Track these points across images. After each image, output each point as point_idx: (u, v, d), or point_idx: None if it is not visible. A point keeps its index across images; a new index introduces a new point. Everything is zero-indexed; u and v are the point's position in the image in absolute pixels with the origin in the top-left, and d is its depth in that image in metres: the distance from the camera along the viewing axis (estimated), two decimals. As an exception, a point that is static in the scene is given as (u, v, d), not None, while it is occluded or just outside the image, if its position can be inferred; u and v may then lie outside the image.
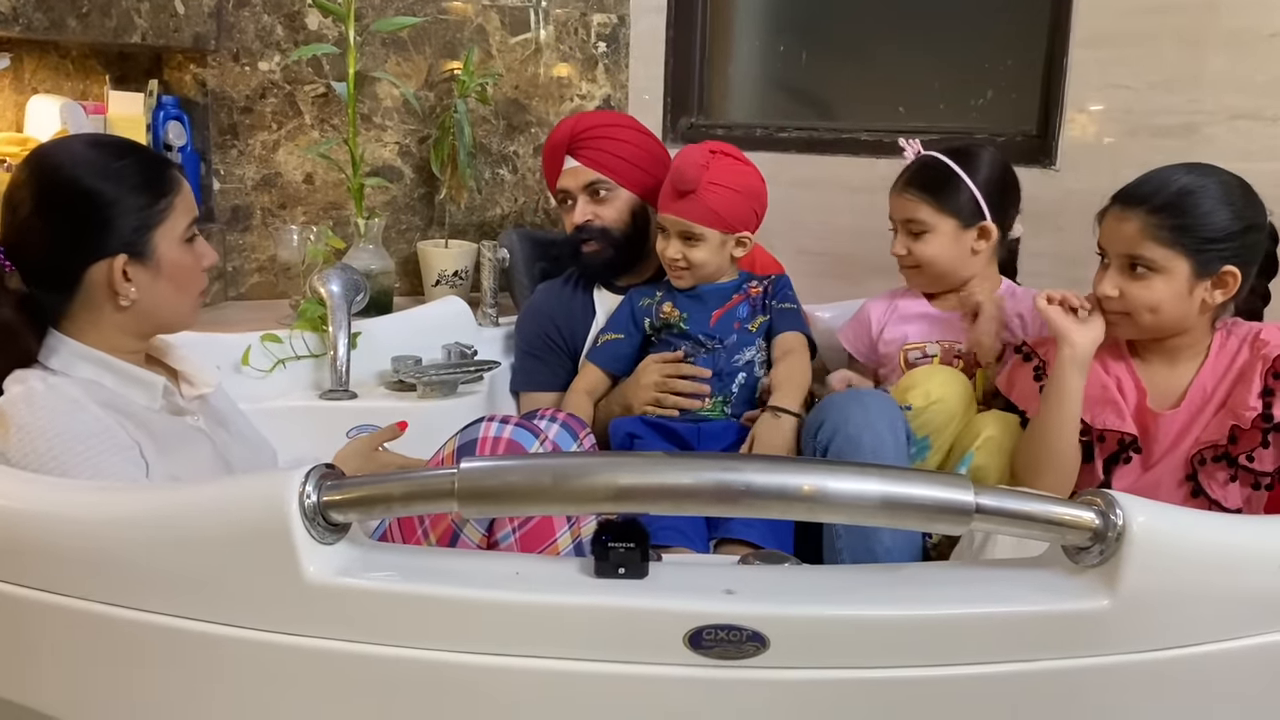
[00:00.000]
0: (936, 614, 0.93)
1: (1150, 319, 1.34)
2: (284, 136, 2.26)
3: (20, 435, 1.10)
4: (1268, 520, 1.13)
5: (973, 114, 2.19)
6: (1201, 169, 1.35)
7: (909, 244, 1.62)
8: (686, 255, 1.70)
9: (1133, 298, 1.33)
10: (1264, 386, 1.30)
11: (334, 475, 0.94)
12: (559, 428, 1.49)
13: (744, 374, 1.70)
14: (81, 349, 1.21)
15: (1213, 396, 1.36)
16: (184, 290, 1.27)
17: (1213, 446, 1.33)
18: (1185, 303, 1.33)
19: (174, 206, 1.23)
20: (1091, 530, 0.93)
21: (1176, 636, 0.95)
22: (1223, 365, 1.36)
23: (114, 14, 1.86)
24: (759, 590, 0.93)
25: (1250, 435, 1.31)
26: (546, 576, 0.95)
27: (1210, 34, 1.78)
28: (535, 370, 1.90)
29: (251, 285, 2.29)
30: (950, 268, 1.62)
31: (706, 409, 1.67)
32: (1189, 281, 1.32)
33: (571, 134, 1.81)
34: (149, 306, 1.23)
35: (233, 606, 0.94)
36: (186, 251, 1.25)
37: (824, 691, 0.92)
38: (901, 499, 0.90)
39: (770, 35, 2.47)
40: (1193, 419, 1.36)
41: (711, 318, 1.73)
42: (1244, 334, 1.38)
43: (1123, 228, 1.34)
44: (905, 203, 1.62)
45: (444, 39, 2.33)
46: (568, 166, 1.82)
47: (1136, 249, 1.32)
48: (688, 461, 0.95)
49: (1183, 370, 1.39)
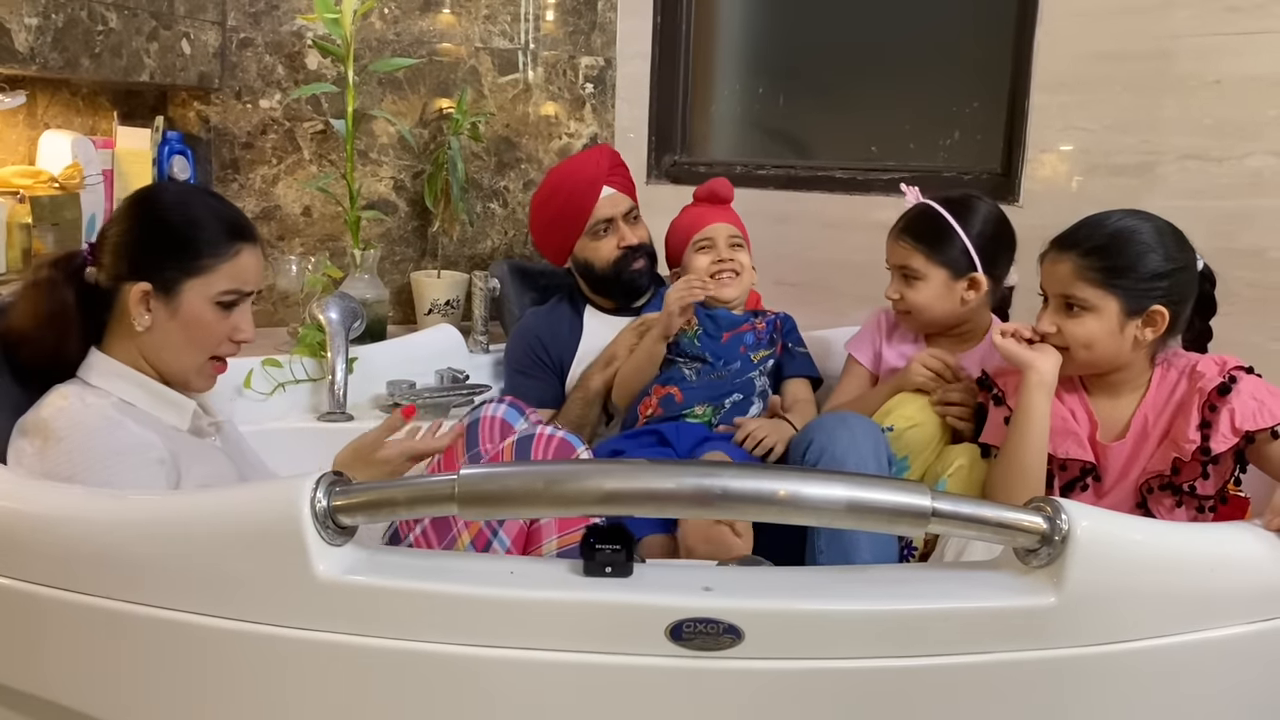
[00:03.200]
0: (898, 609, 1.01)
1: (1085, 355, 1.41)
2: (284, 171, 2.35)
3: (60, 447, 1.18)
4: (1201, 526, 1.22)
5: (941, 154, 2.29)
6: (1135, 214, 1.43)
7: (902, 289, 1.68)
8: (737, 258, 1.87)
9: (1069, 334, 1.41)
10: (1201, 419, 1.36)
11: (342, 481, 1.02)
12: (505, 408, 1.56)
13: (739, 394, 1.79)
14: (119, 367, 1.30)
15: (1155, 427, 1.42)
16: (193, 342, 1.31)
17: (1158, 476, 1.39)
18: (1117, 339, 1.40)
19: (218, 270, 1.30)
20: (1039, 534, 1.01)
21: (1117, 632, 1.03)
22: (1162, 398, 1.43)
23: (124, 54, 1.95)
24: (735, 587, 1.01)
25: (1191, 466, 1.37)
26: (539, 575, 1.02)
27: (1161, 80, 1.89)
28: (526, 388, 1.97)
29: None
30: (940, 315, 1.68)
31: (695, 420, 1.76)
32: (1119, 319, 1.38)
33: (610, 167, 1.96)
34: (158, 341, 1.30)
35: (246, 603, 1.01)
36: (214, 312, 1.31)
37: (796, 680, 0.99)
38: (865, 503, 0.98)
39: (750, 78, 2.58)
40: (1137, 449, 1.42)
41: (723, 337, 1.84)
42: (1182, 366, 1.44)
43: (1057, 269, 1.42)
44: (900, 249, 1.67)
45: (438, 79, 2.43)
46: (606, 195, 1.94)
47: (1070, 289, 1.40)
48: (669, 468, 1.03)
49: (1124, 403, 1.45)
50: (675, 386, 1.79)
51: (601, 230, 1.94)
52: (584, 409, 1.88)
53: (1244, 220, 1.77)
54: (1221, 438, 1.34)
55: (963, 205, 1.67)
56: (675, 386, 1.79)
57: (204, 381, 1.36)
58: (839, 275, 2.26)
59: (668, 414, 1.76)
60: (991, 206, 1.70)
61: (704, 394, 1.78)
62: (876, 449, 1.49)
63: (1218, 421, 1.34)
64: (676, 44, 2.55)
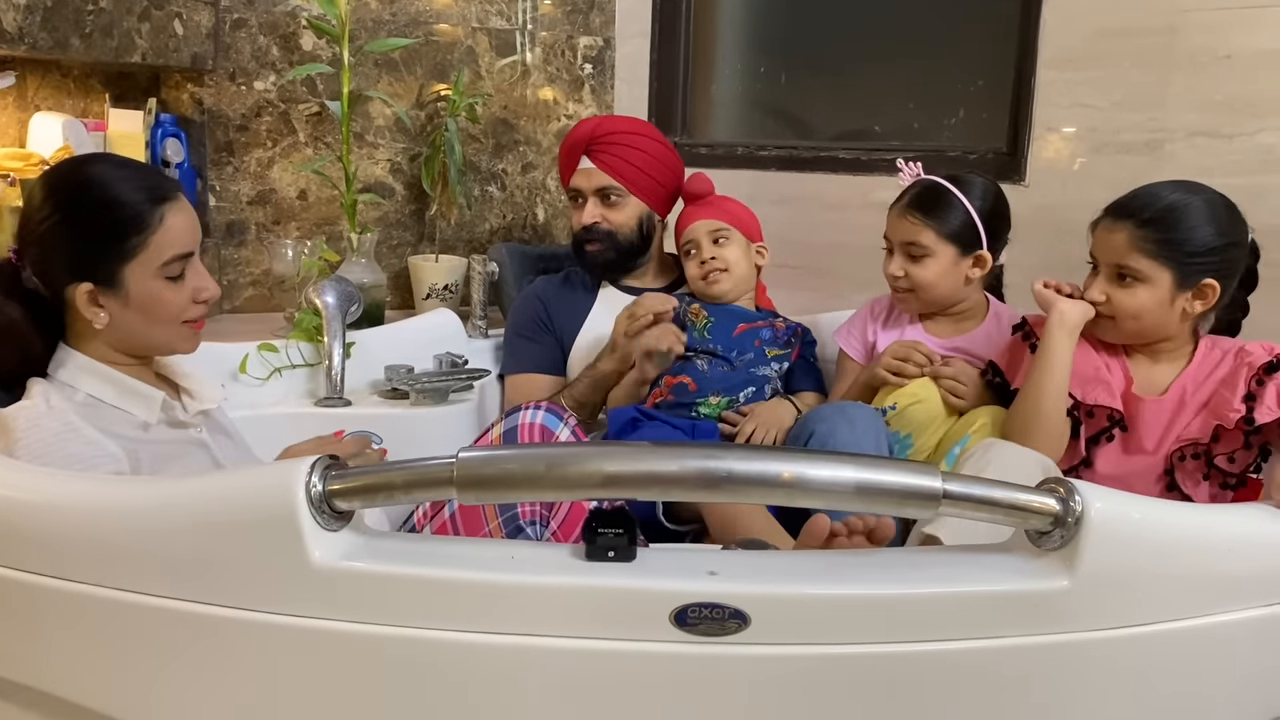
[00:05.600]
0: (907, 593, 0.98)
1: (1133, 325, 1.42)
2: (279, 154, 2.32)
3: (16, 447, 1.16)
4: (1215, 508, 1.20)
5: (946, 133, 2.27)
6: (1190, 186, 1.43)
7: (907, 266, 1.64)
8: (721, 254, 1.81)
9: (1118, 304, 1.41)
10: (1247, 391, 1.38)
11: (338, 466, 1.00)
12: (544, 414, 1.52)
13: (754, 387, 1.76)
14: (86, 361, 1.27)
15: (1194, 396, 1.43)
16: (156, 321, 1.28)
17: (1194, 444, 1.41)
18: (1166, 311, 1.41)
19: (150, 243, 1.24)
20: (1053, 515, 0.99)
21: (1131, 616, 1.01)
22: (1205, 371, 1.44)
23: (115, 34, 1.92)
24: (740, 572, 0.99)
25: (1232, 436, 1.39)
26: (540, 560, 1.00)
27: (1169, 56, 1.86)
28: (525, 351, 1.94)
29: (246, 298, 2.34)
30: (945, 293, 1.66)
31: (709, 409, 1.73)
32: (1171, 291, 1.39)
33: (591, 136, 1.88)
34: (124, 332, 1.27)
35: (242, 590, 0.99)
36: (163, 285, 1.27)
37: (802, 666, 0.97)
38: (873, 484, 0.96)
39: (750, 57, 2.55)
40: (1176, 412, 1.43)
41: (736, 329, 1.81)
42: (1228, 347, 1.46)
43: (1112, 238, 1.42)
44: (908, 225, 1.63)
45: (435, 60, 2.40)
46: (582, 167, 1.89)
47: (1124, 259, 1.40)
48: (672, 450, 1.00)
49: (1164, 369, 1.47)
50: (688, 376, 1.76)
51: (573, 199, 1.92)
52: (591, 390, 1.85)
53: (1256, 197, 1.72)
54: (1267, 409, 1.36)
55: (965, 182, 1.65)
56: (688, 376, 1.76)
57: (187, 344, 1.33)
58: (841, 258, 2.24)
59: (679, 400, 1.74)
60: (990, 182, 1.68)
61: (718, 384, 1.75)
62: (877, 438, 1.48)
63: (1263, 395, 1.37)
64: (676, 22, 2.51)
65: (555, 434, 1.45)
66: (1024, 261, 1.84)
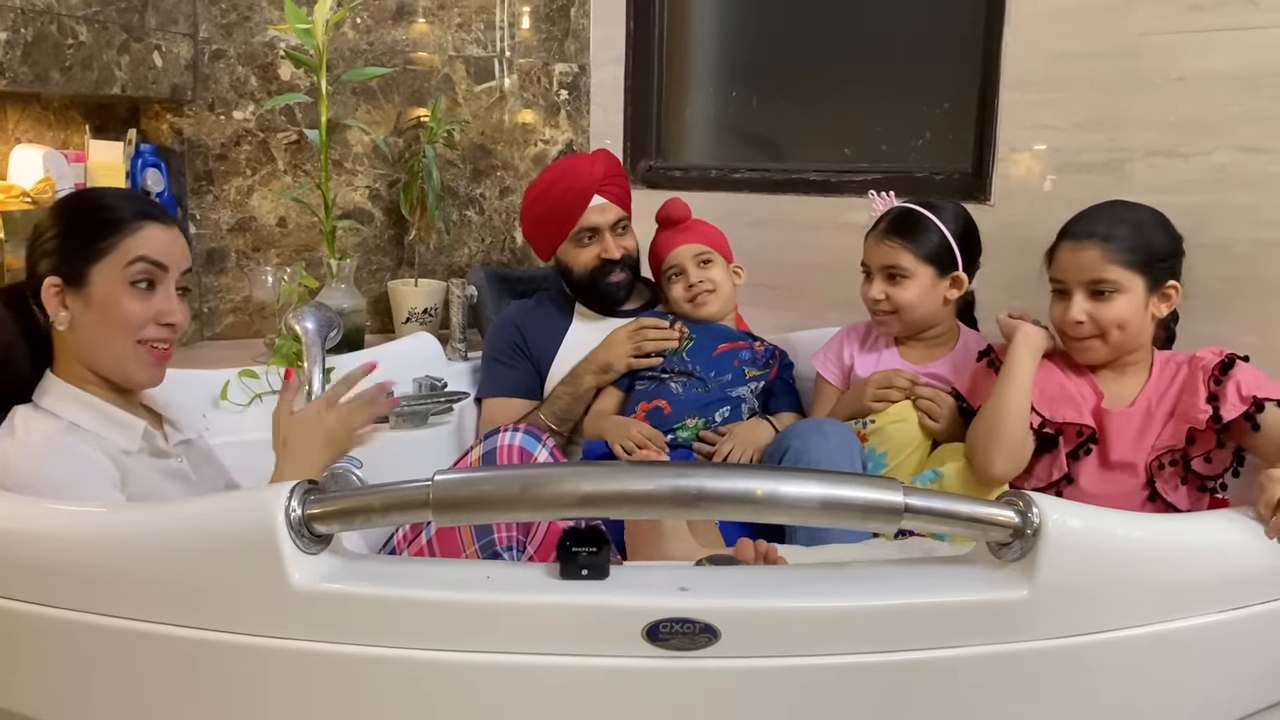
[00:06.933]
0: (873, 605, 1.02)
1: (1119, 335, 1.47)
2: (258, 182, 2.35)
3: (8, 475, 1.17)
4: (1169, 518, 1.24)
5: (913, 154, 2.31)
6: (1130, 204, 1.52)
7: (887, 289, 1.69)
8: (708, 276, 1.88)
9: (1101, 318, 1.46)
10: (1209, 392, 1.44)
11: (317, 490, 1.02)
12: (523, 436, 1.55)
13: (729, 407, 1.79)
14: (67, 388, 1.28)
15: (1159, 407, 1.48)
16: (112, 328, 1.27)
17: (1169, 451, 1.45)
18: (1142, 317, 1.47)
19: (120, 245, 1.26)
20: (1012, 527, 1.03)
21: (1090, 623, 1.04)
22: (1164, 382, 1.50)
23: (95, 67, 1.95)
24: (710, 587, 1.02)
25: (1206, 436, 1.44)
26: (516, 579, 1.03)
27: (1127, 78, 1.91)
28: (502, 376, 1.97)
29: (226, 325, 2.36)
30: (925, 314, 1.71)
31: (686, 433, 1.77)
32: (1145, 297, 1.46)
33: (604, 175, 1.94)
34: (82, 338, 1.28)
35: (222, 613, 1.01)
36: (126, 292, 1.27)
37: (772, 678, 1.00)
38: (838, 500, 0.99)
39: (723, 82, 2.59)
40: (1145, 422, 1.48)
41: (717, 349, 1.84)
42: (1181, 359, 1.52)
43: (1081, 257, 1.46)
44: (886, 249, 1.68)
45: (412, 88, 2.43)
46: (595, 204, 1.93)
47: (1099, 273, 1.45)
48: (646, 470, 1.04)
49: (1130, 381, 1.52)
50: (663, 399, 1.79)
51: (586, 238, 1.94)
52: (571, 404, 1.88)
53: (1211, 215, 1.79)
54: (1231, 405, 1.41)
55: (937, 207, 1.72)
56: (663, 399, 1.79)
57: (144, 372, 1.30)
58: (815, 277, 2.28)
59: (655, 425, 1.76)
60: (960, 208, 1.76)
61: (692, 406, 1.78)
62: (851, 453, 1.53)
63: (1224, 392, 1.43)
64: (650, 49, 2.56)
65: (534, 455, 1.48)
66: (990, 279, 1.88)
